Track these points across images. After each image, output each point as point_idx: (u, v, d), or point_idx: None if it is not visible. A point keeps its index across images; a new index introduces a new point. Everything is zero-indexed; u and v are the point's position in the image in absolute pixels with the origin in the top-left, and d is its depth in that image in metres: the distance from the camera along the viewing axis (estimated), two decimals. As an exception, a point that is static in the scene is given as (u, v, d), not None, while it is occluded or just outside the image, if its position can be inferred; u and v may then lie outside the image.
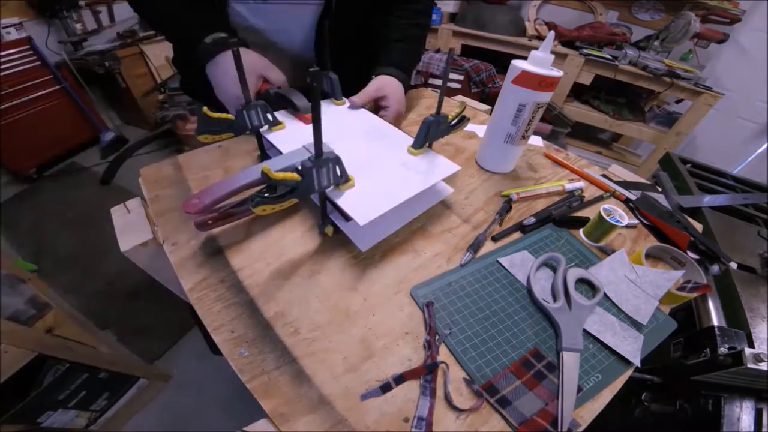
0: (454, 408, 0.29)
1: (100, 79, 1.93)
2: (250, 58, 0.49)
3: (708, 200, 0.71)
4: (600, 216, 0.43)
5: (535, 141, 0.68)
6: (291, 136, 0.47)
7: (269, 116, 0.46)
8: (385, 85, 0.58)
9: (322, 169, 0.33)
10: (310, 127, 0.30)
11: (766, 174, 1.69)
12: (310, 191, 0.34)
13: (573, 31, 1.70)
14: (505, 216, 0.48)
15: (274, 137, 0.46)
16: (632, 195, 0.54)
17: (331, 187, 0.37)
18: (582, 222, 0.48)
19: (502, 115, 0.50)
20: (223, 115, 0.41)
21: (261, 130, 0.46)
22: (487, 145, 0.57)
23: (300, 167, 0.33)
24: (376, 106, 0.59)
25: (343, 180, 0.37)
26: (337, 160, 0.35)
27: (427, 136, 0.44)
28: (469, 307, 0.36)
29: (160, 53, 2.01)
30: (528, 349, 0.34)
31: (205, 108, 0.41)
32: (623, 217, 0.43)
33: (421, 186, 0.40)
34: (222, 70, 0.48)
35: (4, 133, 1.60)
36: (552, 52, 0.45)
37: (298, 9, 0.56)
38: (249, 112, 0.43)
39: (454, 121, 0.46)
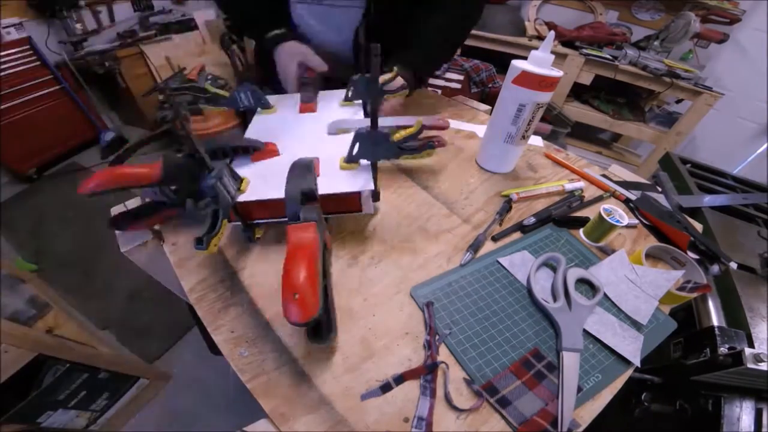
0: (454, 408, 0.29)
1: (100, 79, 1.92)
2: (291, 46, 0.61)
3: (708, 200, 0.71)
4: (600, 216, 0.43)
5: (535, 141, 0.68)
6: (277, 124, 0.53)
7: (261, 100, 0.54)
8: None
9: (223, 179, 0.34)
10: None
11: (766, 174, 1.69)
12: (228, 202, 0.34)
13: (573, 31, 1.70)
14: (505, 216, 0.48)
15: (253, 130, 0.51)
16: (632, 195, 0.54)
17: (236, 193, 0.37)
18: (582, 222, 0.48)
19: (502, 115, 0.50)
20: (220, 92, 0.51)
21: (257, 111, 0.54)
22: (487, 145, 0.57)
23: (206, 189, 0.33)
24: None
25: (239, 182, 0.38)
26: (226, 166, 0.35)
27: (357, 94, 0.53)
28: (469, 307, 0.36)
29: (160, 53, 2.01)
30: (528, 349, 0.34)
31: (207, 84, 0.53)
32: (623, 217, 0.43)
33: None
34: (277, 59, 0.62)
35: (4, 133, 1.60)
36: (552, 52, 0.45)
37: (341, 11, 0.64)
38: (239, 94, 0.52)
39: (388, 85, 0.54)
